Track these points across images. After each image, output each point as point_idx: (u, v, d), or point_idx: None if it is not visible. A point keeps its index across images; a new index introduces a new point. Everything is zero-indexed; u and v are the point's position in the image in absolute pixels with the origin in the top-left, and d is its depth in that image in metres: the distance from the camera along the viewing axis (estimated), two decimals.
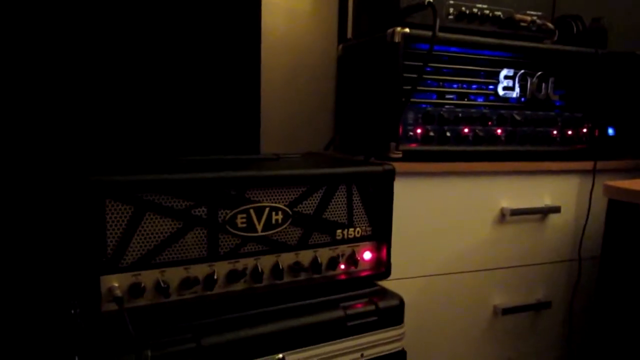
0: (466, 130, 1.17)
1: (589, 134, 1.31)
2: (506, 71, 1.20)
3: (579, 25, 1.34)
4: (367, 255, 0.97)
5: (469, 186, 1.18)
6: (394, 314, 0.93)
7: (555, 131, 1.27)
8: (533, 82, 1.23)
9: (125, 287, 0.75)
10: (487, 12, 1.17)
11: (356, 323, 0.88)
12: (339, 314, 0.88)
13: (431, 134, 1.14)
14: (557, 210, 1.26)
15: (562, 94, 1.27)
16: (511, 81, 1.21)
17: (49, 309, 1.06)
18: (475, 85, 1.19)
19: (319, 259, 0.91)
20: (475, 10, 1.16)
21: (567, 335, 1.35)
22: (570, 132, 1.29)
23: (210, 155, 1.04)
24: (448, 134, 1.15)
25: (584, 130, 1.31)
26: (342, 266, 0.95)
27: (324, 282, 0.93)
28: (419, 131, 1.13)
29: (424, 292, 1.17)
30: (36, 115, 1.05)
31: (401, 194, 1.04)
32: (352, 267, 0.95)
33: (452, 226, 1.18)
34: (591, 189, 1.27)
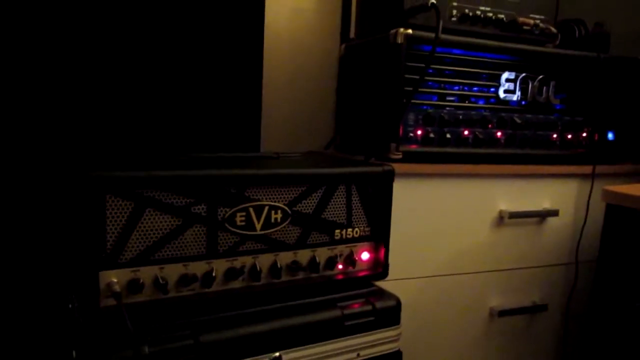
0: (466, 133, 1.18)
1: (589, 138, 1.31)
2: (508, 74, 1.20)
3: (582, 29, 1.34)
4: (365, 256, 0.97)
5: (468, 188, 1.18)
6: (391, 314, 0.93)
7: (555, 135, 1.27)
8: (534, 86, 1.23)
9: (124, 283, 0.76)
10: (490, 14, 1.17)
11: (353, 323, 0.89)
12: (336, 313, 0.88)
13: (431, 135, 1.14)
14: (555, 213, 1.27)
15: (563, 97, 1.27)
16: (512, 84, 1.21)
17: (47, 303, 1.07)
18: (476, 87, 1.19)
19: (317, 259, 0.91)
20: (479, 13, 1.16)
21: (562, 339, 1.35)
22: (570, 136, 1.29)
23: (210, 153, 1.04)
24: (448, 135, 1.15)
25: (584, 135, 1.31)
26: (340, 266, 0.95)
27: (322, 282, 0.93)
28: (419, 132, 1.14)
29: (421, 293, 1.17)
30: (37, 112, 1.05)
31: (401, 195, 1.04)
32: (350, 267, 0.96)
33: (451, 228, 1.18)
34: (590, 193, 1.27)
